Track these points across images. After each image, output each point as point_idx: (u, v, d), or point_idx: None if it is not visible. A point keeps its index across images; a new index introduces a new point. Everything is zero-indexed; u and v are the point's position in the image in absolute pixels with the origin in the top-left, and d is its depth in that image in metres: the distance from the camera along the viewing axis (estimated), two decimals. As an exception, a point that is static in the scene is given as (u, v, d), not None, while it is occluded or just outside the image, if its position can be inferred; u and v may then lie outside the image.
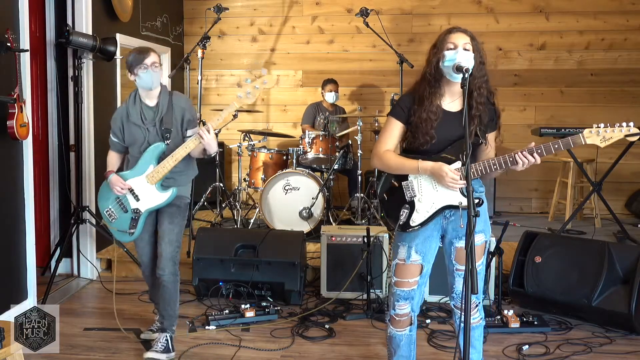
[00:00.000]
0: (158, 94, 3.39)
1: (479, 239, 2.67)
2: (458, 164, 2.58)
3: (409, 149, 2.71)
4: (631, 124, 2.47)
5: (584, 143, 2.50)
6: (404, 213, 2.65)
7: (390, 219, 2.72)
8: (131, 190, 3.38)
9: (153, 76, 3.30)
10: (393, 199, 2.71)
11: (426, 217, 2.64)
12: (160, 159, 3.33)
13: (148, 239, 3.52)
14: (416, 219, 2.65)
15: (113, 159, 3.55)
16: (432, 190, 2.64)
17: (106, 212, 3.48)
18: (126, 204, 3.41)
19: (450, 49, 2.57)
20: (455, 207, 2.60)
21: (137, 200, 3.39)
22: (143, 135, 3.38)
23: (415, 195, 2.66)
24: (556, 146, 2.49)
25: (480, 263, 2.71)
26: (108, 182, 3.42)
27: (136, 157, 3.41)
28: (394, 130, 2.71)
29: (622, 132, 2.47)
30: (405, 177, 2.68)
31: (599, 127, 2.47)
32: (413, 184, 2.66)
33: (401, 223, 2.66)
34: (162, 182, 3.36)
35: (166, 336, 3.45)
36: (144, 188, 3.37)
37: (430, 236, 2.70)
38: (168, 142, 3.33)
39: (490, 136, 2.69)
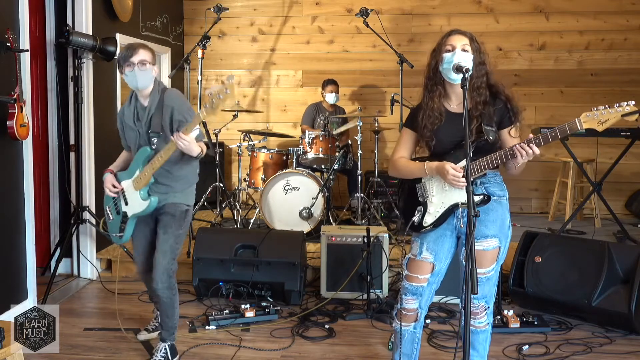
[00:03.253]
0: (149, 93, 3.20)
1: (490, 243, 2.66)
2: (464, 162, 2.59)
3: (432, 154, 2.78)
4: (631, 102, 2.38)
5: (580, 128, 2.44)
6: (418, 214, 2.72)
7: (406, 222, 2.77)
8: (123, 193, 3.28)
9: (139, 75, 3.10)
10: (409, 202, 2.78)
11: (437, 217, 2.68)
12: (147, 164, 3.16)
13: (144, 245, 3.37)
14: (428, 219, 2.70)
15: (120, 158, 3.45)
16: (442, 190, 2.68)
17: (106, 211, 3.43)
18: (119, 206, 3.31)
19: (449, 50, 2.59)
20: (465, 206, 2.61)
21: (126, 204, 3.27)
22: (135, 137, 3.24)
23: (427, 197, 2.72)
24: (553, 134, 2.45)
25: (491, 269, 2.68)
26: (103, 180, 3.36)
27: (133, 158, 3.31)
28: (405, 138, 2.81)
29: (619, 112, 2.39)
30: (419, 180, 2.75)
31: (597, 110, 2.41)
32: (425, 186, 2.73)
33: (415, 224, 2.72)
34: (152, 189, 3.20)
35: (165, 346, 3.36)
36: (131, 193, 3.24)
37: (443, 235, 2.72)
38: (154, 147, 3.16)
39: (505, 132, 2.66)
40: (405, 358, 2.86)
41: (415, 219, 2.72)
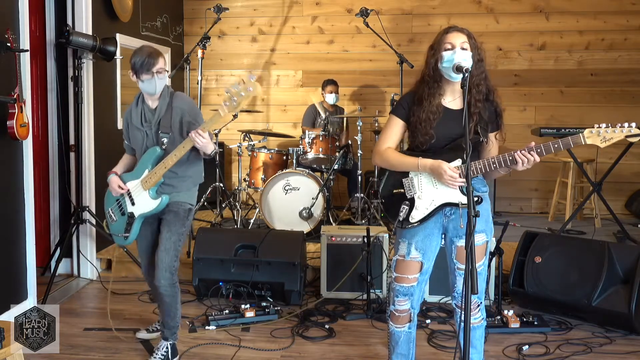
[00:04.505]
0: (159, 96, 3.30)
1: (479, 238, 2.67)
2: (458, 162, 2.59)
3: (411, 147, 2.73)
4: (633, 124, 2.45)
5: (584, 143, 2.49)
6: (404, 209, 2.67)
7: (390, 216, 2.74)
8: (129, 194, 3.32)
9: (157, 83, 3.21)
10: (393, 196, 2.73)
11: (425, 214, 2.65)
12: (156, 163, 3.23)
13: (146, 246, 3.44)
14: (415, 215, 2.66)
15: (123, 161, 3.49)
16: (432, 187, 2.65)
17: (108, 213, 3.46)
18: (124, 207, 3.35)
19: (448, 49, 2.58)
20: (456, 205, 2.61)
21: (133, 204, 3.31)
22: (142, 138, 3.30)
23: (415, 192, 2.67)
24: (556, 146, 2.48)
25: (481, 263, 2.71)
26: (107, 181, 3.39)
27: (139, 160, 3.36)
28: (395, 128, 2.74)
29: (623, 133, 2.45)
30: (406, 174, 2.70)
31: (600, 128, 2.46)
32: (413, 181, 2.68)
33: (400, 219, 2.68)
34: (159, 189, 3.26)
35: (167, 345, 3.38)
36: (139, 193, 3.28)
37: (431, 234, 2.70)
38: (164, 147, 3.23)
39: (492, 134, 2.68)
40: (402, 358, 2.86)
41: (402, 214, 2.66)
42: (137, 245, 3.50)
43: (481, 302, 2.77)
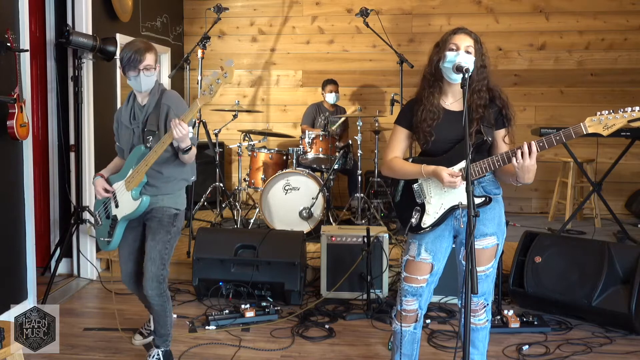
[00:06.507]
0: (149, 93, 3.15)
1: (489, 241, 2.67)
2: (462, 164, 2.58)
3: (422, 152, 2.74)
4: (636, 108, 2.36)
5: (585, 132, 2.43)
6: (416, 215, 2.69)
7: (403, 223, 2.75)
8: (114, 196, 3.17)
9: (144, 80, 3.05)
10: (405, 202, 2.75)
11: (436, 219, 2.66)
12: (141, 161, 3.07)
13: (128, 253, 3.28)
14: (427, 220, 2.67)
15: (112, 163, 3.34)
16: (441, 191, 2.65)
17: (95, 216, 3.32)
18: (109, 210, 3.20)
19: (452, 49, 2.57)
20: (464, 207, 2.61)
21: (117, 206, 3.16)
22: (129, 136, 3.16)
23: (425, 198, 2.68)
24: (557, 138, 2.44)
25: (489, 266, 2.70)
26: (92, 184, 3.27)
27: (126, 160, 3.19)
28: (399, 136, 2.76)
29: (625, 118, 2.38)
30: (415, 181, 2.71)
31: (602, 115, 2.40)
32: (423, 187, 2.70)
33: (413, 225, 2.69)
34: (142, 190, 3.09)
35: (158, 352, 3.29)
36: (123, 194, 3.12)
37: (441, 236, 2.71)
38: (149, 144, 3.06)
39: (499, 134, 2.66)
40: (406, 359, 2.86)
41: (414, 220, 2.69)
42: (118, 251, 3.32)
43: (487, 304, 2.77)
